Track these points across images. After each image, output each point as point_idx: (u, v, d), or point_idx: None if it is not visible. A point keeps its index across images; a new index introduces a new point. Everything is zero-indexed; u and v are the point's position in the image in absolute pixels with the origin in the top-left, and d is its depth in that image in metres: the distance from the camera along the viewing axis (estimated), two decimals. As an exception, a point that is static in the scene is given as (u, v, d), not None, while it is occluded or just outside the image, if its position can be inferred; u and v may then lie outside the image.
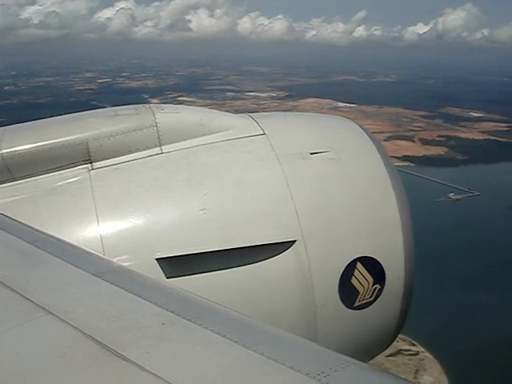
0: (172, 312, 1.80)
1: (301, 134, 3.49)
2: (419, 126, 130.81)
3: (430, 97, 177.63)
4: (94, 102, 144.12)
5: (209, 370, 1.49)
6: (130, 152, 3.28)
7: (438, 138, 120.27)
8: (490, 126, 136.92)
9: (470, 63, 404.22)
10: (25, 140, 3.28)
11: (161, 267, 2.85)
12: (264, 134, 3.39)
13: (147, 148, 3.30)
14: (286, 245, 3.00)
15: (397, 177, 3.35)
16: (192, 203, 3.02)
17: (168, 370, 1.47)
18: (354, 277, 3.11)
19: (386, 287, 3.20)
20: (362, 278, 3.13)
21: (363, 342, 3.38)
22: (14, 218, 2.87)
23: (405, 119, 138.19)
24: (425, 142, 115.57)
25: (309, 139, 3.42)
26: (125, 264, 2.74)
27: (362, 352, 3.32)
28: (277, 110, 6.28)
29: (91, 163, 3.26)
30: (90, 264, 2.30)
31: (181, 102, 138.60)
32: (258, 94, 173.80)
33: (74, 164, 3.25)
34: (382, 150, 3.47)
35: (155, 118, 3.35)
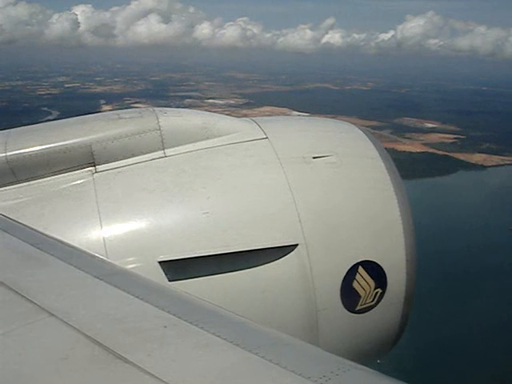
0: (174, 315, 1.77)
1: (303, 138, 3.45)
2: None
3: (394, 106, 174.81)
4: (45, 109, 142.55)
5: (210, 373, 1.47)
6: (133, 155, 3.25)
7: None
8: (437, 137, 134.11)
9: (450, 72, 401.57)
10: (29, 143, 3.24)
11: (163, 270, 2.82)
12: (267, 137, 3.36)
13: (150, 151, 3.27)
14: (288, 249, 2.97)
15: (399, 181, 3.31)
16: (195, 206, 2.99)
17: (170, 373, 1.44)
18: (355, 281, 3.08)
19: (387, 291, 3.16)
20: (363, 282, 3.10)
21: (365, 346, 3.32)
22: (17, 221, 2.83)
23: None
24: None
25: (311, 143, 3.39)
26: (127, 267, 2.70)
27: (363, 356, 3.26)
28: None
29: (95, 166, 3.22)
30: (93, 266, 2.28)
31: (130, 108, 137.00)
32: (216, 102, 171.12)
33: (78, 167, 3.22)
34: (384, 155, 3.41)
35: (158, 122, 3.32)
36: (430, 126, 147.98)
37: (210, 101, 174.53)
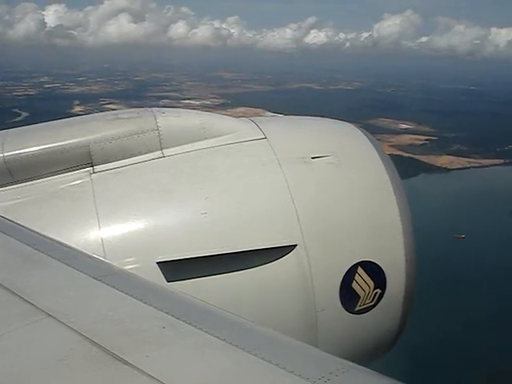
0: (172, 316, 1.77)
1: (302, 139, 3.45)
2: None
3: (374, 106, 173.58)
4: (16, 110, 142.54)
5: (209, 374, 1.47)
6: (131, 155, 3.25)
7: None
8: (407, 139, 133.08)
9: (437, 71, 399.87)
10: (26, 143, 3.24)
11: (162, 271, 2.82)
12: (265, 138, 3.36)
13: (149, 151, 3.27)
14: (287, 249, 2.97)
15: (398, 181, 3.31)
16: (193, 207, 2.99)
17: (168, 374, 1.44)
18: (354, 281, 3.08)
19: (386, 291, 3.16)
20: (362, 283, 3.10)
21: (364, 347, 3.32)
22: (15, 221, 2.83)
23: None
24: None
25: (310, 143, 3.39)
26: (126, 267, 2.70)
27: (362, 356, 3.27)
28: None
29: (93, 167, 3.22)
30: (91, 267, 2.29)
31: (102, 109, 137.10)
32: (191, 102, 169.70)
33: (76, 167, 3.23)
34: (383, 155, 3.42)
35: (157, 122, 3.32)
36: (404, 127, 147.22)
37: (187, 101, 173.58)
